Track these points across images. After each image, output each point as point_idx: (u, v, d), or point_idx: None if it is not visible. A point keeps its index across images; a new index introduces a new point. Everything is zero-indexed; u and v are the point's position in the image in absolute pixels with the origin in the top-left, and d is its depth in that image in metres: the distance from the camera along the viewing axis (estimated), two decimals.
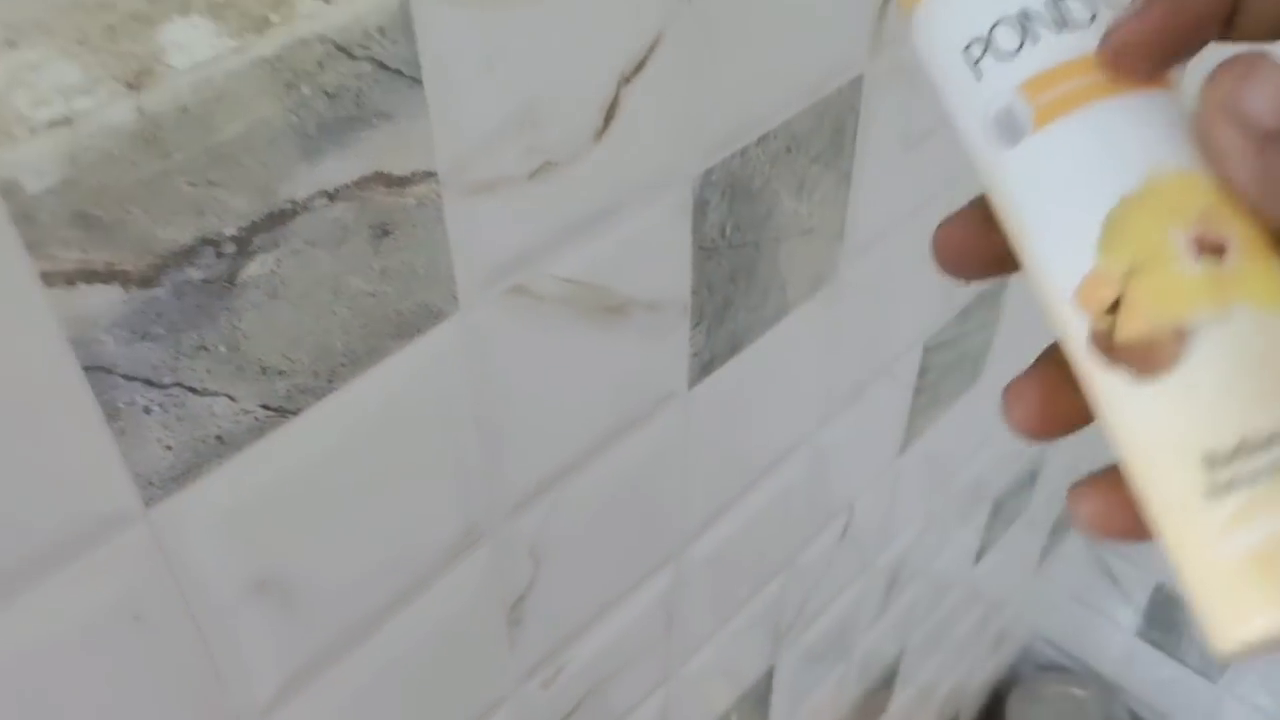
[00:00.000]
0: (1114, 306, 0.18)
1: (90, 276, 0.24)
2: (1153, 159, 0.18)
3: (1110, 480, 0.19)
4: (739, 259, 0.44)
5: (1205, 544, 0.17)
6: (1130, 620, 1.30)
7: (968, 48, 0.20)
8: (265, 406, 0.30)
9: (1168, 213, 0.18)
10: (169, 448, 0.28)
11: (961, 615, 1.07)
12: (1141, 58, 0.18)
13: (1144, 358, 0.17)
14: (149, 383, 0.27)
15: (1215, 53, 0.19)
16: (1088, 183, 0.18)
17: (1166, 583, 1.23)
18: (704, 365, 0.46)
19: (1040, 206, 0.19)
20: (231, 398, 0.29)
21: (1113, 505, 0.19)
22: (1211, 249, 0.17)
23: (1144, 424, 0.18)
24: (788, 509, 0.61)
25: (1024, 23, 0.19)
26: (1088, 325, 0.18)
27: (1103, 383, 0.18)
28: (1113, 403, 0.18)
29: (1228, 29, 0.19)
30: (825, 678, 0.83)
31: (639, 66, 0.34)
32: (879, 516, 0.74)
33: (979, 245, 0.22)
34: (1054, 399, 0.20)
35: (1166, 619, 1.26)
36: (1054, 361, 0.20)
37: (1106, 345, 0.18)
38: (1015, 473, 0.94)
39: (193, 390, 0.28)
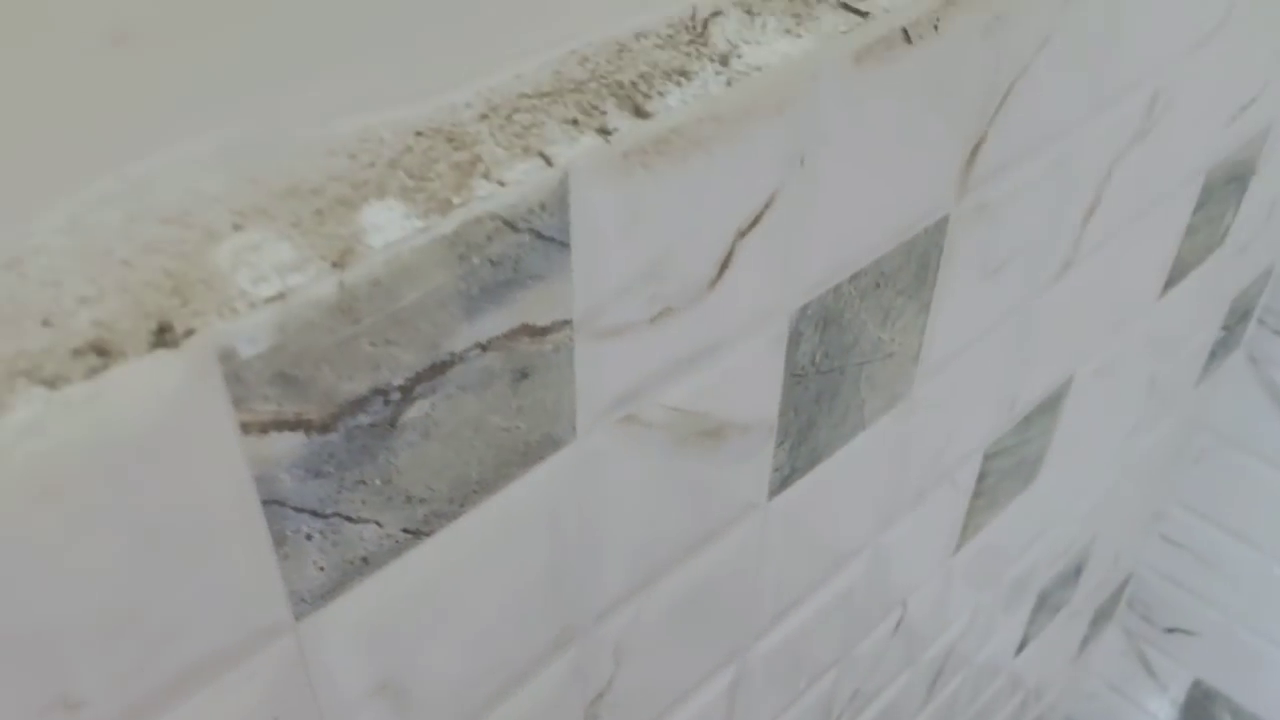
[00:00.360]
0: None
1: (280, 425, 0.27)
2: None
3: None
4: (825, 383, 0.46)
5: None
6: (1167, 714, 1.29)
7: None
8: (405, 530, 0.33)
9: None
10: (322, 568, 0.31)
11: (1001, 704, 1.07)
12: None
13: None
14: (314, 514, 0.30)
15: None
16: None
17: (1204, 678, 1.23)
18: (784, 479, 0.48)
19: None
20: (379, 524, 0.32)
21: None
22: None
23: None
24: (847, 606, 0.63)
25: None
26: None
27: None
28: None
29: None
30: None
31: (754, 222, 0.36)
32: (930, 611, 0.75)
33: None
34: None
35: (1203, 715, 1.25)
36: None
37: None
38: (1062, 567, 0.96)
39: (348, 519, 0.31)
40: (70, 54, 0.21)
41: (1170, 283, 0.74)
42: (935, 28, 0.37)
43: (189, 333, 0.24)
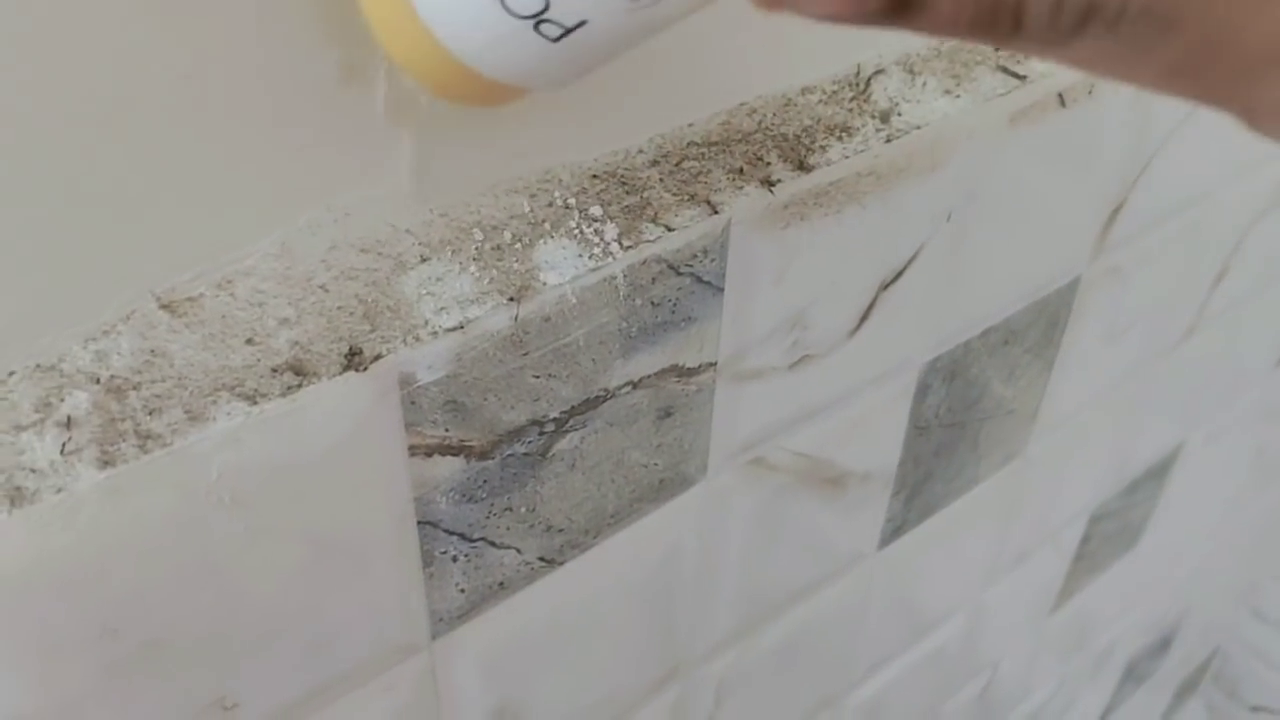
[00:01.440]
0: None
1: (445, 450, 0.28)
2: None
3: None
4: (946, 436, 0.46)
5: None
6: None
7: None
8: (541, 558, 0.33)
9: None
10: (462, 590, 0.32)
11: None
12: None
13: None
14: (462, 537, 0.30)
15: None
16: None
17: None
18: (895, 530, 0.48)
19: None
20: (519, 550, 0.32)
21: None
22: None
23: None
24: (940, 664, 0.62)
25: None
26: None
27: None
28: None
29: None
30: None
31: (898, 275, 0.37)
32: (1019, 674, 0.74)
33: None
34: None
35: None
36: None
37: None
38: (1153, 637, 0.93)
39: (492, 544, 0.31)
40: (305, 88, 0.23)
41: None
42: (1090, 93, 0.37)
43: (377, 357, 0.25)
